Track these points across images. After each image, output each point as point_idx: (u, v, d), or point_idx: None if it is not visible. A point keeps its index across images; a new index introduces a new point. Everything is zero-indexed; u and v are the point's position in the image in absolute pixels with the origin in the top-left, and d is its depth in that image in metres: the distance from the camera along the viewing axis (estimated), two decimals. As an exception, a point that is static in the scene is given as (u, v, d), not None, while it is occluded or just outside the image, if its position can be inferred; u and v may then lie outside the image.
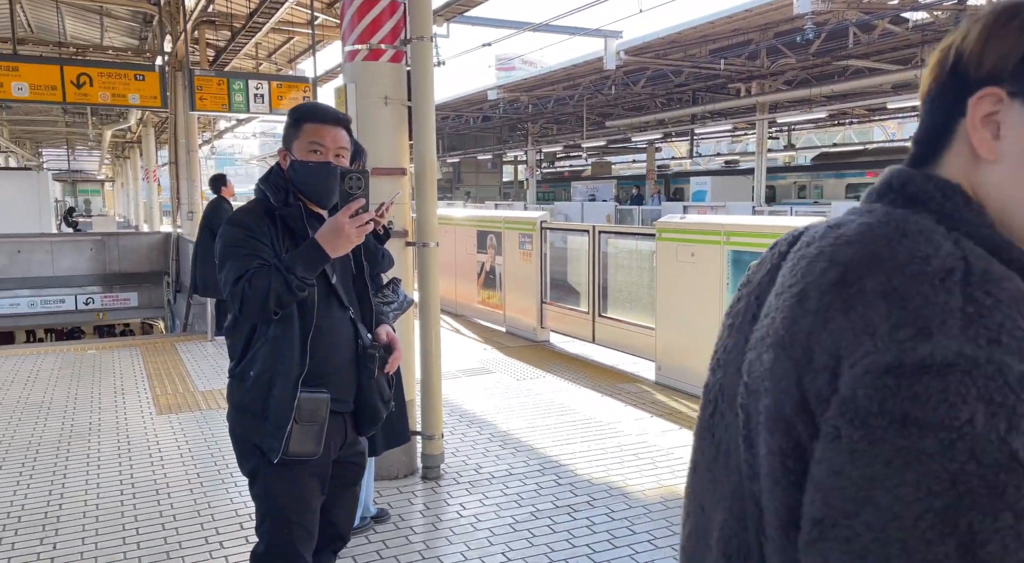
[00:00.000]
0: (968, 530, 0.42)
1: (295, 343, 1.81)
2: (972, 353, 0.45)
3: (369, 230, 1.79)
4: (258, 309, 1.75)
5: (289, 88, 8.81)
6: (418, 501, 3.59)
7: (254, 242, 1.81)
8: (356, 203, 1.75)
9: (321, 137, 1.86)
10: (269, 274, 1.74)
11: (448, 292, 9.02)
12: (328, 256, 1.76)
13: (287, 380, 1.80)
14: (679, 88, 19.10)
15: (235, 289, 1.77)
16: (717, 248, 4.98)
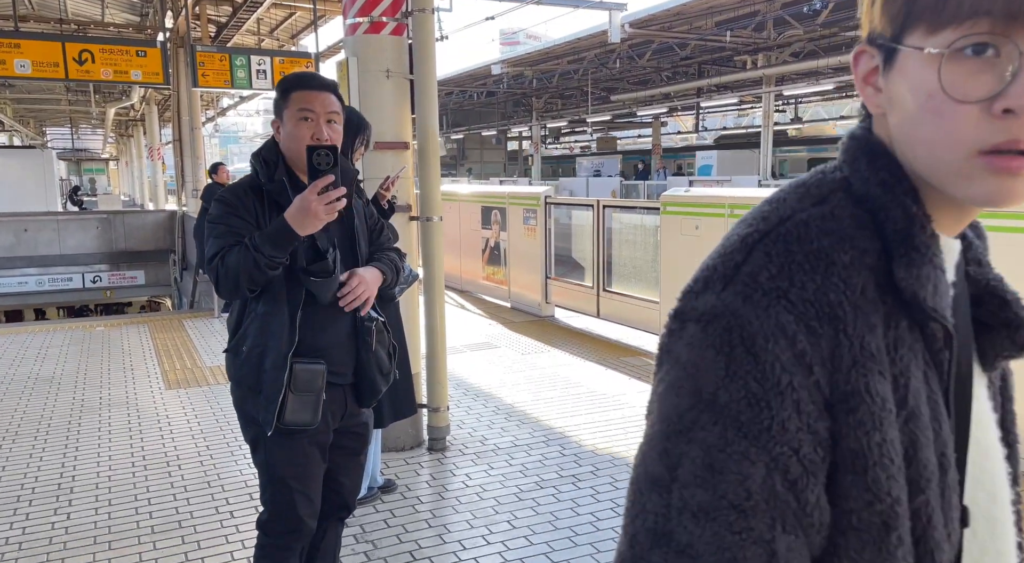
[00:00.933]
0: (674, 452, 0.51)
1: (284, 318, 1.83)
2: (717, 306, 0.53)
3: (340, 207, 1.74)
4: (231, 287, 1.76)
5: (292, 63, 8.76)
6: (424, 472, 3.64)
7: (235, 219, 1.81)
8: (324, 180, 1.70)
9: (310, 103, 1.85)
10: (241, 253, 1.74)
11: (453, 268, 9.04)
12: (297, 234, 1.74)
13: (277, 354, 1.82)
14: (684, 61, 18.91)
15: (211, 267, 1.80)
16: (721, 221, 4.97)
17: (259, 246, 1.73)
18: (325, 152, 1.72)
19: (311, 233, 1.77)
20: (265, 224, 1.82)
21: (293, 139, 1.86)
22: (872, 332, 0.53)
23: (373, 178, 3.55)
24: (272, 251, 1.73)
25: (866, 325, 0.53)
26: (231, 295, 1.82)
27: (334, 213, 1.74)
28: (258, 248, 1.72)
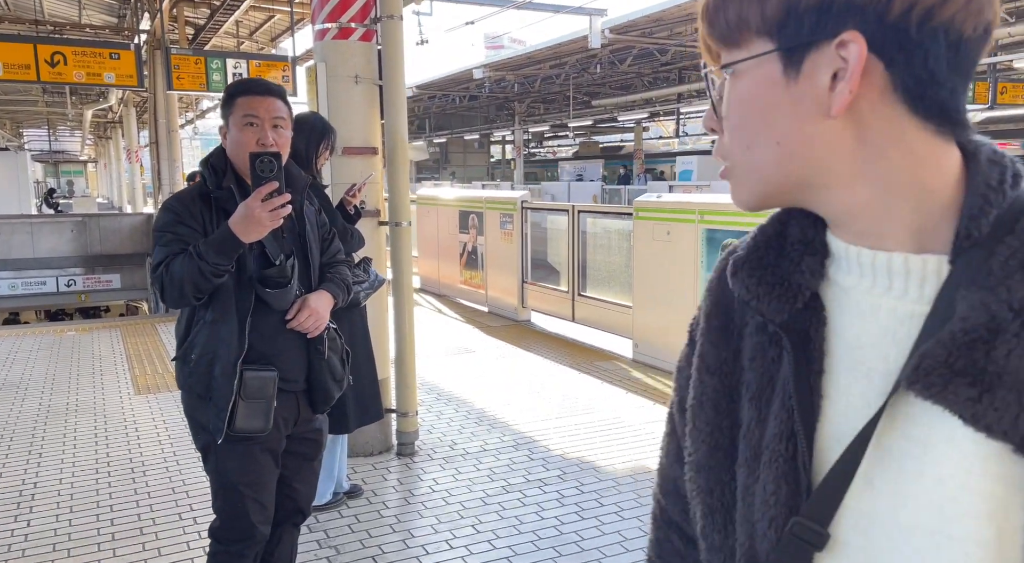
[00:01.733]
0: None
1: (233, 326, 1.83)
2: None
3: (285, 213, 1.74)
4: (176, 295, 1.76)
5: (268, 67, 8.73)
6: (392, 477, 3.64)
7: (181, 227, 1.81)
8: (267, 186, 1.70)
9: (254, 108, 1.85)
10: (185, 261, 1.74)
11: (432, 272, 9.04)
12: (241, 242, 1.73)
13: (227, 362, 1.82)
14: (665, 67, 19.03)
15: (155, 275, 1.79)
16: (692, 226, 5.02)
17: (203, 254, 1.72)
18: (268, 159, 1.72)
19: (255, 240, 1.77)
20: (213, 231, 1.82)
21: (239, 145, 1.86)
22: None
23: (341, 183, 3.55)
24: (216, 258, 1.72)
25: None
26: (177, 303, 1.82)
27: (278, 220, 1.74)
28: (202, 256, 1.72)
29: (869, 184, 0.55)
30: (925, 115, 0.53)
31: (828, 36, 0.52)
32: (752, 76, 0.55)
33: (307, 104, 3.94)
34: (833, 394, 0.58)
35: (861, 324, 0.57)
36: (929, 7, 0.50)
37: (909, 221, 0.55)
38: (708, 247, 4.89)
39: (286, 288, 1.85)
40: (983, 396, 0.48)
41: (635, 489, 3.43)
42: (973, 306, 0.50)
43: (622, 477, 3.57)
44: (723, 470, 0.64)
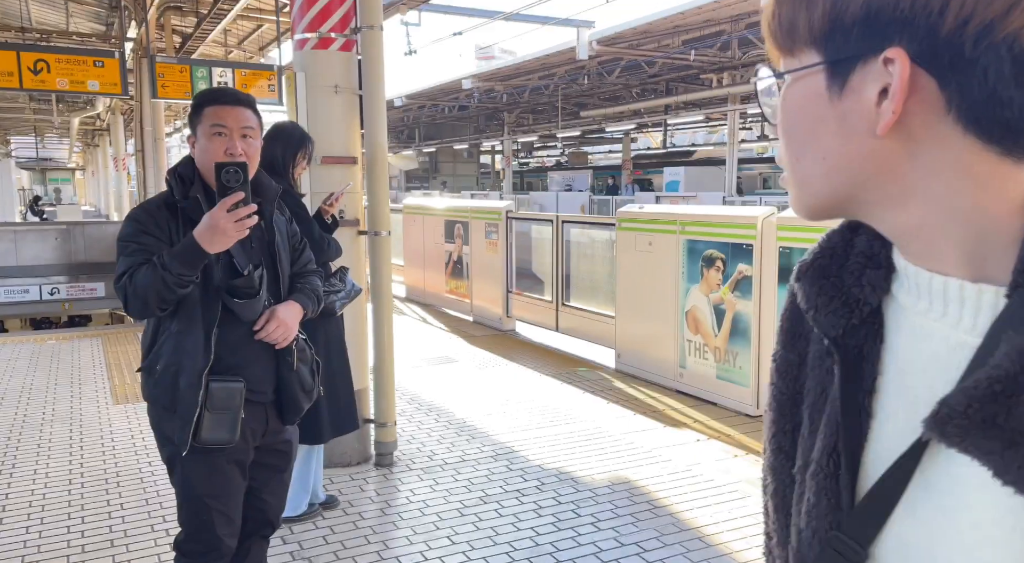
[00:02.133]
0: None
1: (199, 337, 1.81)
2: None
3: (250, 224, 1.73)
4: (140, 306, 1.75)
5: (255, 76, 8.72)
6: (369, 488, 3.62)
7: (146, 237, 1.80)
8: (233, 197, 1.70)
9: (223, 118, 1.84)
10: (148, 271, 1.73)
11: (417, 281, 9.03)
12: (206, 252, 1.72)
13: (192, 373, 1.81)
14: (652, 78, 19.16)
15: (119, 286, 1.78)
16: (673, 237, 5.04)
17: (167, 264, 1.71)
18: (234, 169, 1.72)
19: (221, 250, 1.76)
20: (179, 242, 1.81)
21: (207, 154, 1.85)
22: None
23: (320, 192, 3.55)
24: (180, 269, 1.71)
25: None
26: (141, 314, 1.80)
27: (244, 230, 1.73)
28: (166, 266, 1.71)
29: (922, 204, 0.51)
30: (987, 136, 0.49)
31: (875, 51, 0.48)
32: (800, 87, 0.54)
33: (286, 113, 3.94)
34: (881, 415, 0.56)
35: (914, 347, 0.55)
36: (989, 20, 0.46)
37: (966, 247, 0.51)
38: (689, 258, 4.91)
39: (254, 298, 1.84)
40: (1005, 451, 0.45)
41: (612, 500, 3.43)
42: (1009, 352, 0.46)
43: (599, 488, 3.56)
44: (785, 473, 0.64)
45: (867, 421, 0.56)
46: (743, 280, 4.53)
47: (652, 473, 3.71)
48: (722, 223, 4.71)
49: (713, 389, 4.82)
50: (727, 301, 4.65)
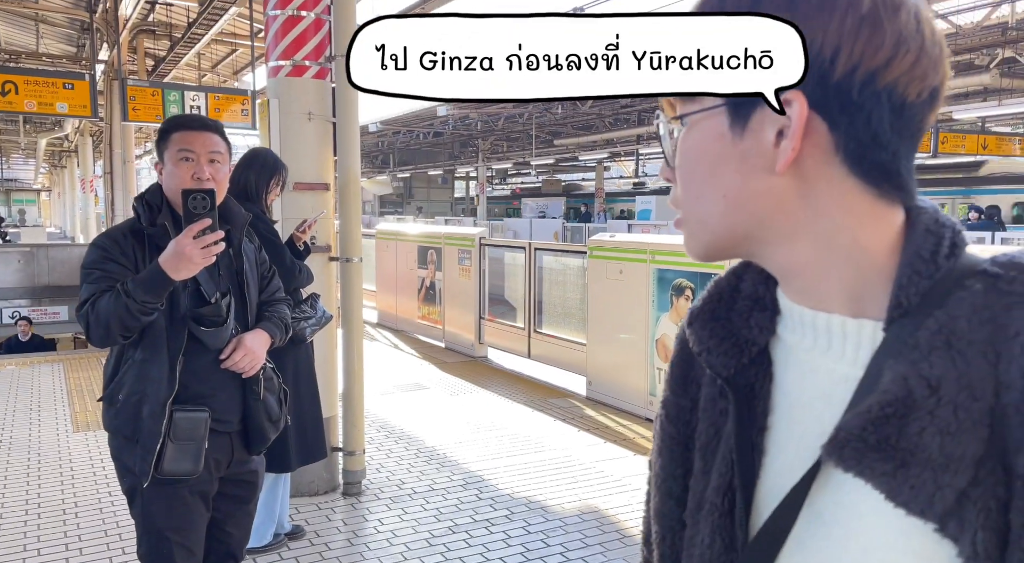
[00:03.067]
0: None
1: (164, 365, 1.79)
2: None
3: (217, 251, 1.72)
4: (102, 334, 1.72)
5: (228, 100, 8.70)
6: (336, 517, 3.57)
7: (111, 264, 1.78)
8: (200, 224, 1.68)
9: (190, 144, 1.84)
10: (111, 299, 1.70)
11: (389, 307, 8.99)
12: (171, 279, 1.69)
13: (156, 402, 1.78)
14: (625, 109, 19.49)
15: (80, 313, 1.75)
16: (643, 266, 5.10)
17: (131, 291, 1.69)
18: (201, 195, 1.71)
19: (186, 278, 1.74)
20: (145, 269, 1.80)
21: (173, 179, 1.84)
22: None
23: (292, 218, 3.54)
24: (145, 296, 1.69)
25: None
26: (103, 342, 1.78)
27: (211, 258, 1.72)
28: (130, 293, 1.69)
29: (810, 242, 0.54)
30: (867, 177, 0.53)
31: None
32: (701, 128, 0.56)
33: (259, 139, 3.94)
34: (773, 451, 0.58)
35: (801, 383, 0.57)
36: (873, 70, 0.50)
37: (846, 284, 0.54)
38: (659, 287, 4.97)
39: (221, 327, 1.83)
40: (898, 472, 0.48)
41: (581, 530, 3.41)
42: (895, 379, 0.50)
43: (569, 517, 3.55)
44: (674, 518, 0.65)
45: (759, 458, 0.58)
46: (712, 309, 4.58)
47: (622, 502, 3.71)
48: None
49: (683, 417, 4.84)
50: (696, 329, 4.69)
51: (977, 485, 0.47)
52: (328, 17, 3.73)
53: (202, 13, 9.18)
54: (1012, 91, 12.98)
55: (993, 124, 18.42)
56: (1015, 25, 10.97)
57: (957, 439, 0.47)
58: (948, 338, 0.49)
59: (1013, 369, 0.47)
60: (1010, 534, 0.46)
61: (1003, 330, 0.48)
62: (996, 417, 0.47)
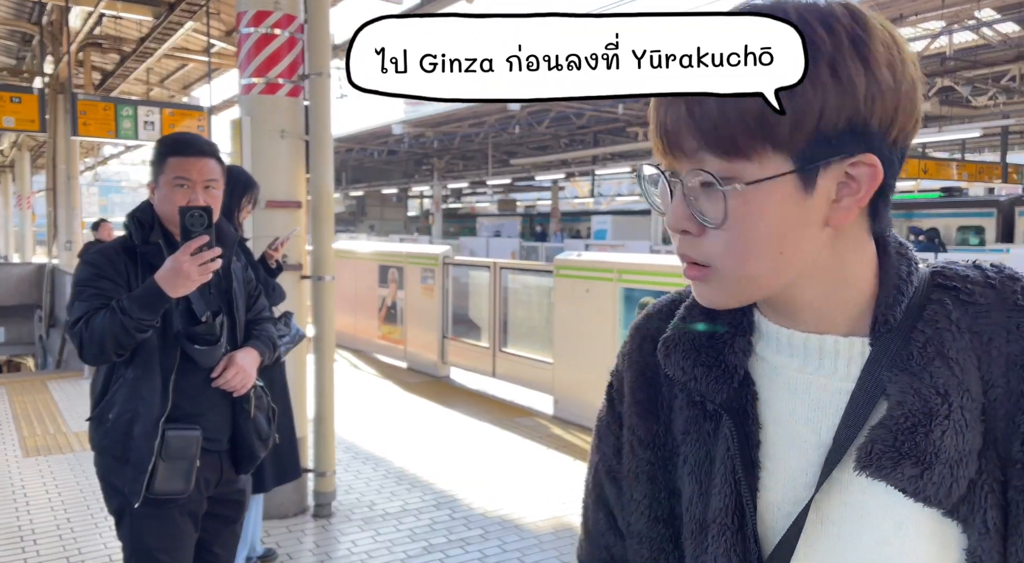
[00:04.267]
0: None
1: (156, 383, 1.76)
2: None
3: (214, 268, 1.71)
4: (96, 352, 1.69)
5: (183, 116, 8.54)
6: (308, 539, 3.50)
7: (104, 282, 1.76)
8: (198, 241, 1.68)
9: (186, 171, 1.82)
10: (106, 316, 1.68)
11: (348, 327, 8.87)
12: (168, 297, 1.68)
13: (148, 421, 1.75)
14: (581, 130, 19.80)
15: (74, 331, 1.72)
16: (610, 285, 5.18)
17: (127, 308, 1.66)
18: (199, 213, 1.71)
19: (183, 295, 1.73)
20: (138, 287, 1.77)
21: (168, 203, 1.83)
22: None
23: (263, 236, 3.50)
24: (141, 314, 1.67)
25: None
26: (96, 360, 1.74)
27: (208, 274, 1.71)
28: (126, 310, 1.66)
29: (828, 281, 0.59)
30: (874, 221, 0.60)
31: (846, 155, 0.55)
32: (768, 192, 0.55)
33: (230, 156, 3.89)
34: (770, 465, 0.61)
35: (792, 399, 0.61)
36: (907, 131, 0.57)
37: (847, 309, 0.60)
38: (626, 305, 5.05)
39: (215, 345, 1.80)
40: (924, 473, 0.54)
41: (557, 547, 3.42)
42: (904, 390, 0.56)
43: (544, 535, 3.56)
44: (666, 540, 0.66)
45: (758, 473, 0.62)
46: (678, 326, 4.68)
47: (595, 518, 3.73)
48: (657, 271, 4.89)
49: (649, 433, 4.91)
50: (662, 347, 4.78)
51: (981, 472, 0.55)
52: (302, 36, 3.72)
53: (156, 27, 9.01)
54: (951, 118, 13.67)
55: (932, 150, 19.33)
56: (952, 55, 11.58)
57: (966, 436, 0.54)
58: (939, 349, 0.56)
59: (994, 369, 0.55)
60: (1010, 508, 0.55)
61: (978, 337, 0.56)
62: (987, 412, 0.55)
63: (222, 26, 9.62)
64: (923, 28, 11.40)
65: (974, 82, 12.71)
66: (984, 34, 11.25)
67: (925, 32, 11.56)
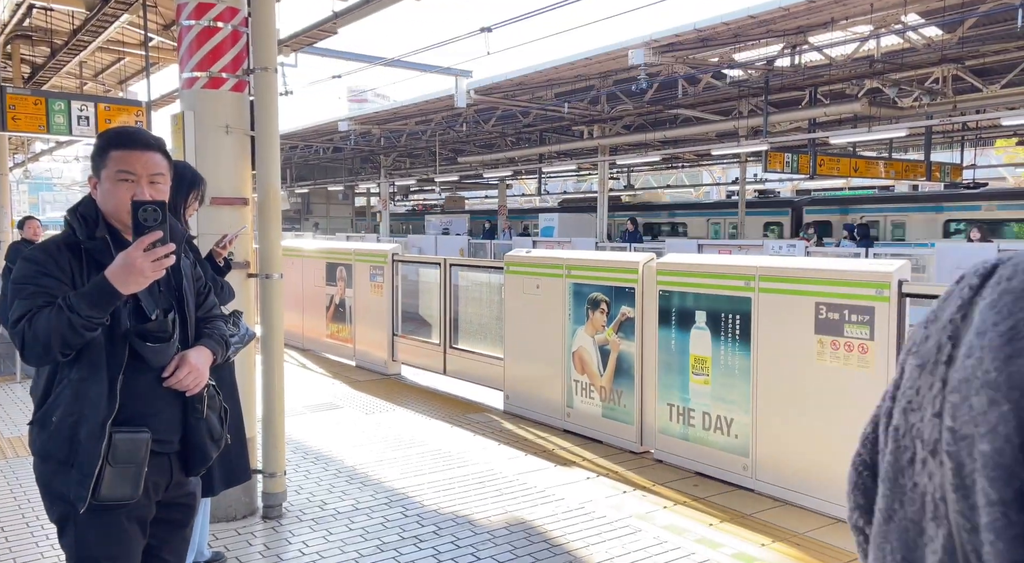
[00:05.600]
0: None
1: (103, 384, 1.71)
2: None
3: (168, 264, 1.68)
4: (40, 351, 1.64)
5: (119, 111, 8.27)
6: (257, 542, 3.45)
7: (46, 279, 1.70)
8: (151, 236, 1.64)
9: (130, 165, 1.78)
10: (52, 314, 1.62)
11: (295, 326, 8.74)
12: (119, 293, 1.63)
13: (95, 423, 1.70)
14: (527, 128, 19.90)
15: (15, 330, 1.66)
16: (560, 281, 5.24)
17: (75, 306, 1.61)
18: (152, 208, 1.67)
19: (135, 291, 1.68)
20: (83, 284, 1.72)
21: (111, 199, 1.78)
22: None
23: (209, 234, 3.43)
24: (90, 311, 1.62)
25: None
26: (40, 360, 1.68)
27: (161, 271, 1.67)
28: (74, 308, 1.61)
29: None
30: None
31: None
32: None
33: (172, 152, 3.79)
34: None
35: None
36: None
37: None
38: (575, 301, 5.12)
39: (168, 343, 1.77)
40: None
41: (510, 541, 3.46)
42: None
43: (497, 530, 3.59)
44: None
45: None
46: (626, 322, 4.78)
47: (547, 512, 3.79)
48: (606, 268, 4.97)
49: (599, 427, 5.00)
50: (612, 342, 4.87)
51: None
52: (246, 29, 3.66)
53: (90, 19, 8.69)
54: (879, 119, 14.22)
55: (862, 149, 20.09)
56: (880, 58, 12.06)
57: None
58: None
59: None
60: None
61: None
62: None
63: (160, 19, 9.33)
64: (853, 32, 11.85)
65: (900, 84, 13.27)
66: (910, 38, 11.75)
67: (855, 36, 12.01)
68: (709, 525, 3.63)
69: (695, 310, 4.34)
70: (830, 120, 15.72)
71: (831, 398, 3.70)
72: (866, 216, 16.43)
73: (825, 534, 3.50)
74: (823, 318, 3.72)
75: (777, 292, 3.95)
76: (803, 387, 3.83)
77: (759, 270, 4.06)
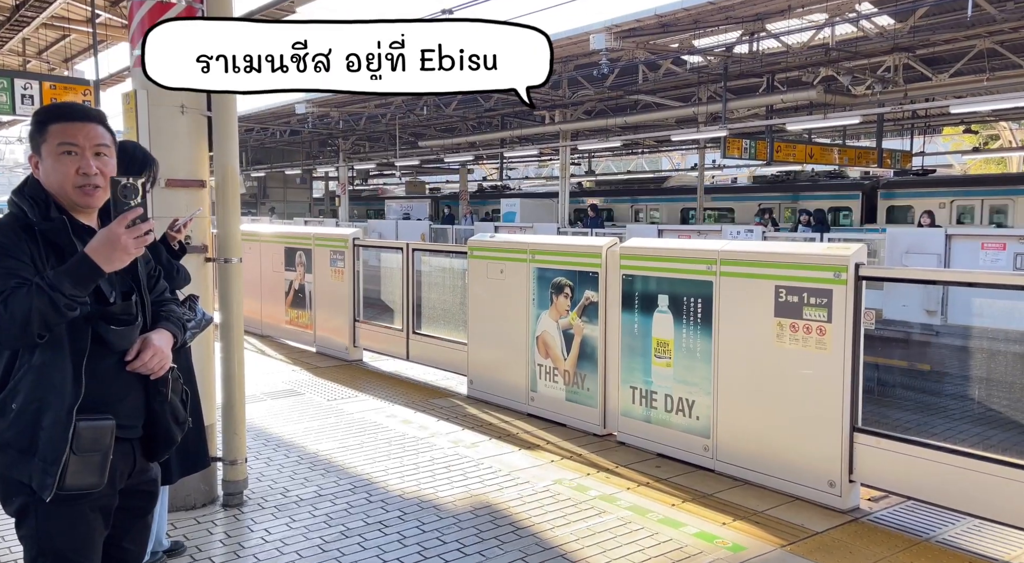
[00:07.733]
0: None
1: (67, 369, 1.66)
2: None
3: (149, 241, 1.66)
4: (18, 333, 1.58)
5: (66, 90, 7.97)
6: (218, 530, 3.39)
7: (9, 261, 1.64)
8: (133, 212, 1.62)
9: (72, 136, 1.72)
10: (31, 294, 1.57)
11: (254, 312, 8.58)
12: (102, 271, 1.60)
13: (59, 409, 1.64)
14: (488, 112, 19.78)
15: None
16: (523, 265, 5.24)
17: (56, 284, 1.56)
18: (132, 184, 1.63)
19: (118, 269, 1.64)
20: (43, 267, 1.66)
21: (56, 174, 1.72)
22: None
23: (164, 217, 3.32)
24: (73, 290, 1.57)
25: None
26: (16, 341, 1.61)
27: (142, 248, 1.64)
28: (55, 287, 1.56)
29: None
30: None
31: None
32: None
33: (124, 132, 3.66)
34: None
35: None
36: None
37: None
38: (539, 285, 5.13)
39: (132, 325, 1.71)
40: None
41: (476, 525, 3.47)
42: None
43: (462, 513, 3.59)
44: None
45: None
46: (590, 306, 4.80)
47: (512, 496, 3.80)
48: (570, 252, 4.98)
49: (563, 411, 5.03)
50: (575, 326, 4.90)
51: None
52: (201, 6, 3.54)
53: (33, -7, 8.34)
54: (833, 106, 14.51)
55: (816, 136, 20.49)
56: (834, 46, 12.28)
57: None
58: None
59: None
60: None
61: None
62: None
63: (108, -6, 9.01)
64: (809, 20, 12.05)
65: (854, 72, 13.55)
66: (863, 27, 11.99)
67: (811, 24, 12.21)
68: (671, 505, 3.69)
69: (658, 294, 4.38)
70: (787, 107, 15.98)
71: (790, 380, 3.78)
72: (957, 200, 15.19)
73: (784, 512, 3.59)
74: (783, 301, 3.79)
75: (738, 276, 4.01)
76: (763, 369, 3.91)
77: (721, 254, 4.11)
